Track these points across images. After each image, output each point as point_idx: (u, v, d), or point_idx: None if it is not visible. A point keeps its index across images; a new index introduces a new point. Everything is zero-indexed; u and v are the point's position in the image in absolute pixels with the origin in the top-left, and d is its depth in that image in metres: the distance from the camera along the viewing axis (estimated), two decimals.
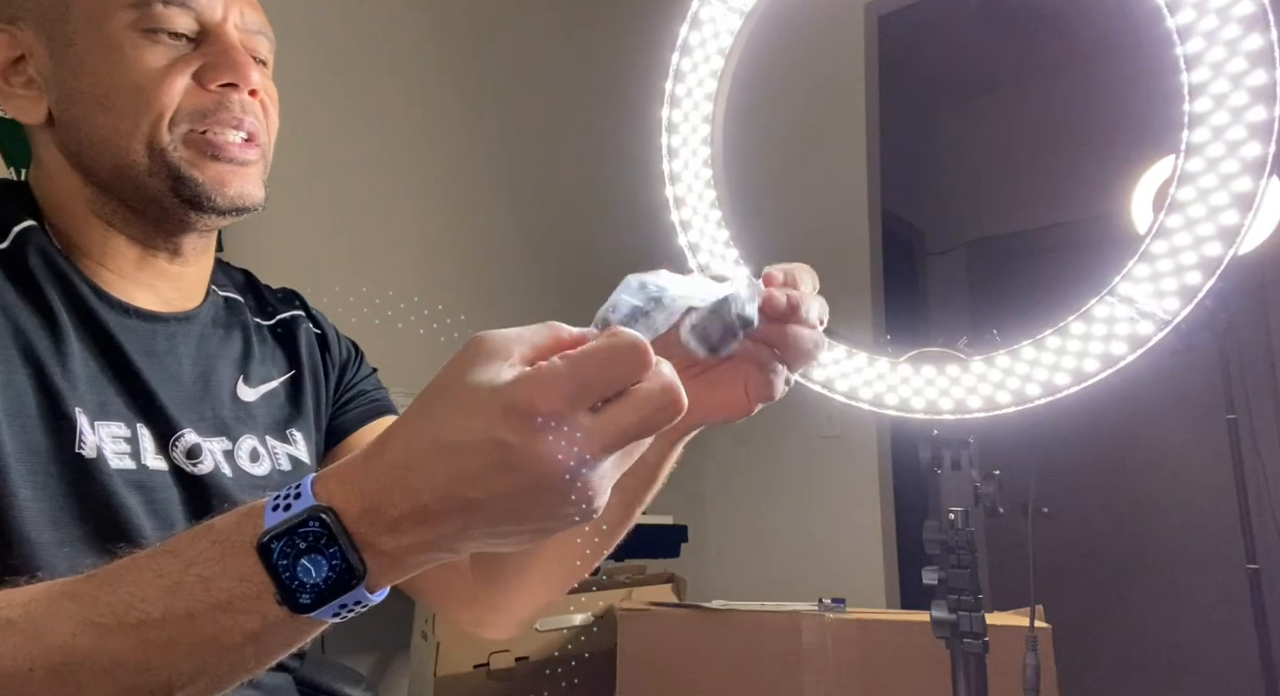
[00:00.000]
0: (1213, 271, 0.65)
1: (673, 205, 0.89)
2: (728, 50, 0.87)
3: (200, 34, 0.64)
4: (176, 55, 0.63)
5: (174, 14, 0.63)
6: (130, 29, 0.62)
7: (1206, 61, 0.66)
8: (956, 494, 0.71)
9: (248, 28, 0.67)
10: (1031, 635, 0.80)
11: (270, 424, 0.74)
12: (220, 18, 0.65)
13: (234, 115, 0.64)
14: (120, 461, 0.60)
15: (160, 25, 0.62)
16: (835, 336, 0.78)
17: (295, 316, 0.81)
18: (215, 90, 0.64)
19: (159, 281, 0.69)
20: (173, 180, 0.63)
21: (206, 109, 0.63)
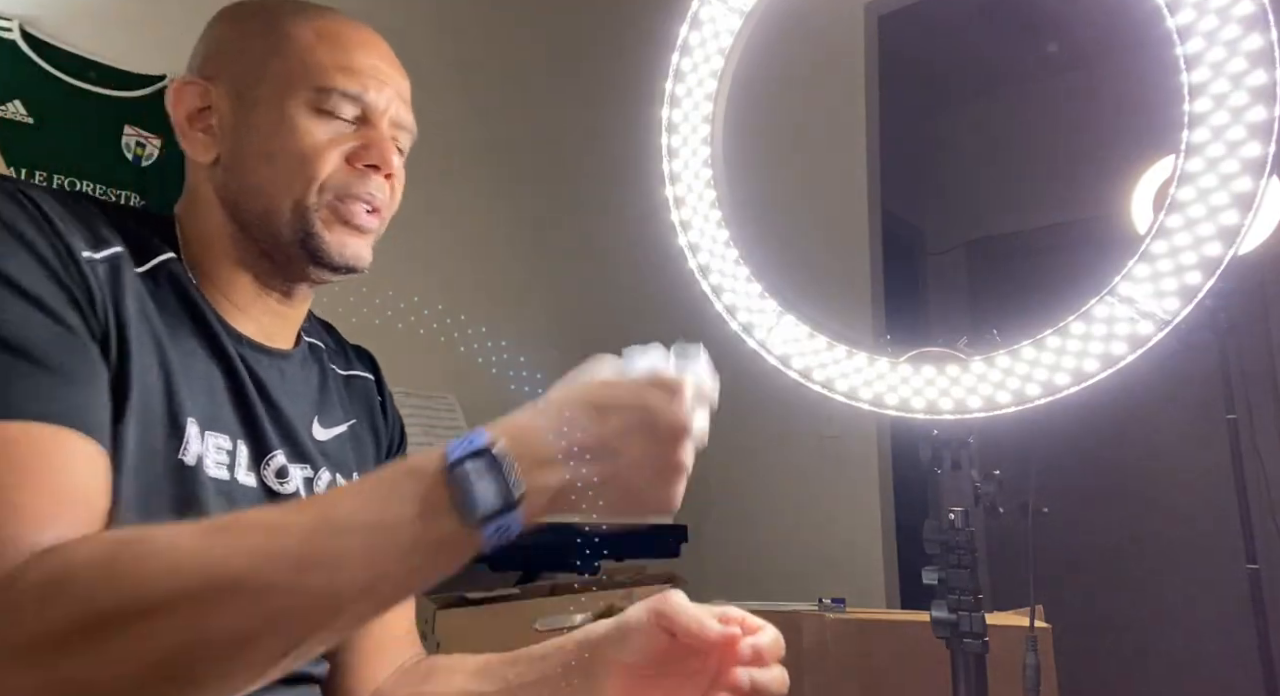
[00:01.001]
0: (1213, 271, 0.65)
1: (673, 205, 0.90)
2: (728, 50, 0.87)
3: (359, 120, 0.76)
4: (338, 134, 0.74)
5: (347, 104, 0.75)
6: (307, 106, 0.73)
7: (1206, 61, 0.66)
8: (956, 494, 0.71)
9: (398, 124, 0.79)
10: (1031, 635, 0.80)
11: (340, 463, 0.82)
12: (380, 112, 0.76)
13: (369, 191, 0.75)
14: (217, 471, 0.68)
15: (331, 110, 0.74)
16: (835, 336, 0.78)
17: (365, 378, 0.92)
18: (361, 169, 0.75)
19: (265, 318, 0.78)
20: (305, 234, 0.73)
21: (350, 182, 0.74)
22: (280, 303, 0.78)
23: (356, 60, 0.76)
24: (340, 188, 0.74)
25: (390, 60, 0.79)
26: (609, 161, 2.65)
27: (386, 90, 0.77)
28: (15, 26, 1.62)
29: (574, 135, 2.68)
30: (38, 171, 1.61)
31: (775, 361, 0.80)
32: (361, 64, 0.76)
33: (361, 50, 0.77)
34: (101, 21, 1.75)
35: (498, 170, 2.45)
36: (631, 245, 2.41)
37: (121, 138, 1.73)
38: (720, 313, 0.86)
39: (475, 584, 1.68)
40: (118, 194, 1.71)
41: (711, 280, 0.87)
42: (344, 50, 0.76)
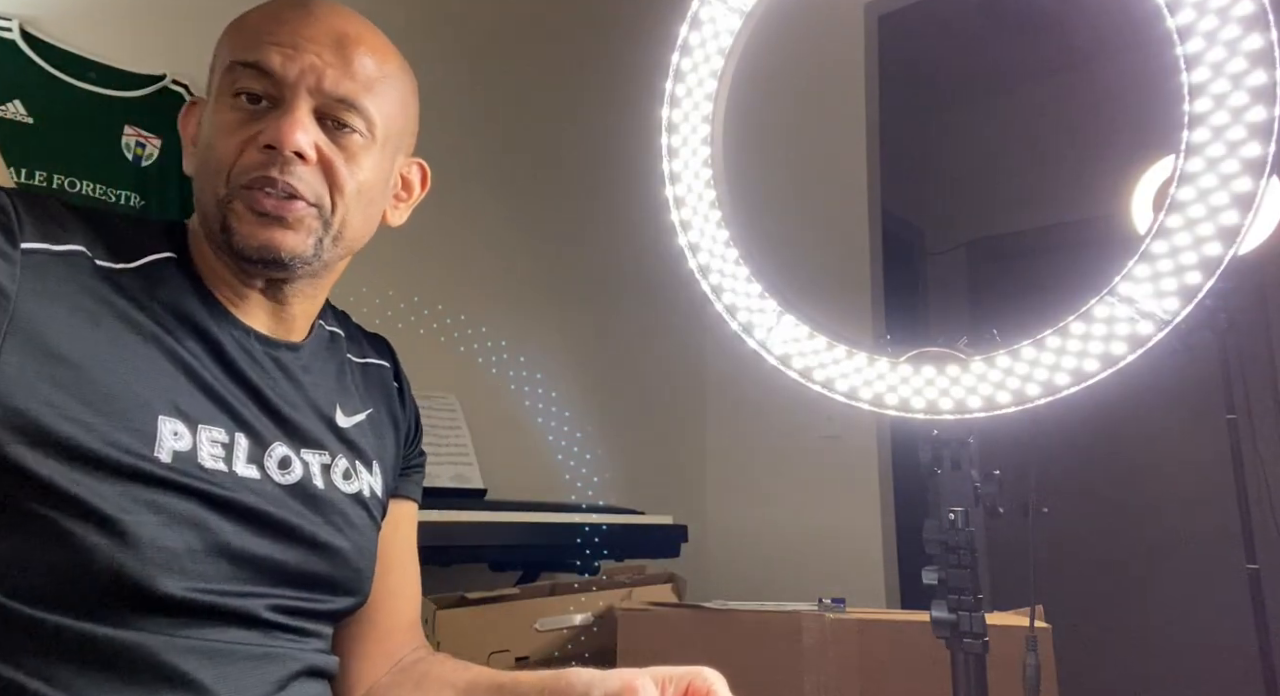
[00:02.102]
0: (1213, 271, 0.65)
1: (673, 205, 0.89)
2: (728, 50, 0.87)
3: (275, 99, 0.69)
4: (244, 118, 0.69)
5: (251, 77, 0.69)
6: (224, 93, 0.70)
7: (1206, 61, 0.66)
8: (956, 494, 0.71)
9: (330, 95, 0.70)
10: (1031, 635, 0.80)
11: (360, 451, 0.80)
12: (291, 82, 0.69)
13: (268, 174, 0.68)
14: (214, 463, 0.66)
15: (240, 88, 0.69)
16: (835, 336, 0.78)
17: (381, 366, 0.90)
18: (262, 151, 0.68)
19: (262, 313, 0.76)
20: (223, 231, 0.69)
21: (252, 166, 0.68)
22: (271, 297, 0.76)
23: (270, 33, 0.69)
24: (243, 172, 0.69)
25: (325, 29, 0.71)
26: (609, 162, 2.65)
27: (302, 58, 0.69)
28: (15, 26, 1.62)
29: (574, 135, 2.68)
30: (38, 171, 1.61)
31: (775, 361, 0.80)
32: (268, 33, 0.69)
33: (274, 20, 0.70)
34: (101, 21, 1.75)
35: (498, 170, 2.45)
36: (631, 245, 2.41)
37: (121, 138, 1.73)
38: (720, 313, 0.86)
39: (475, 584, 1.68)
40: (117, 194, 1.70)
41: (711, 280, 0.87)
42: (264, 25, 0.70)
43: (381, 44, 0.75)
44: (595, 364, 2.59)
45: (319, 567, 0.72)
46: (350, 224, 0.74)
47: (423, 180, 0.85)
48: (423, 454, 0.94)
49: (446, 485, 1.89)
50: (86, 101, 1.69)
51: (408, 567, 0.88)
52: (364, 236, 0.78)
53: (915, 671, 1.34)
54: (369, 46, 0.73)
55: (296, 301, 0.77)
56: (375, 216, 0.79)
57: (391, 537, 0.84)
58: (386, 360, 0.91)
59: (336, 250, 0.74)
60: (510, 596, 1.63)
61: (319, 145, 0.70)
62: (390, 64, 0.75)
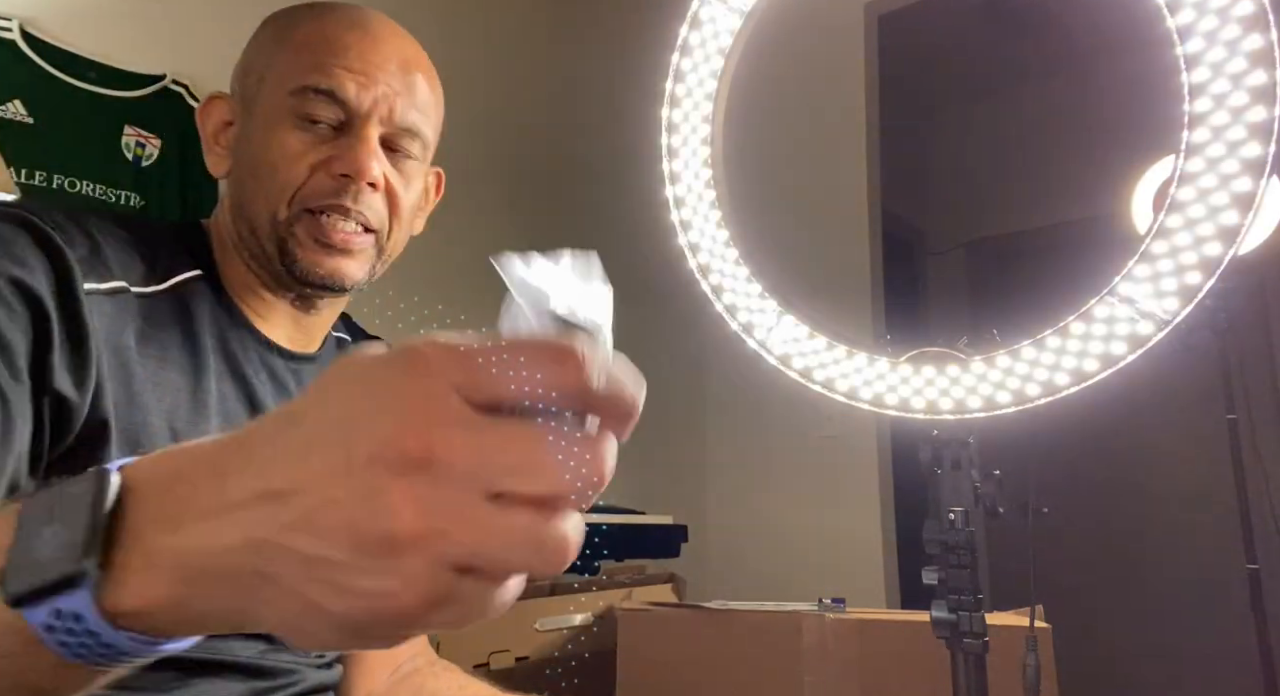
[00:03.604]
0: (1213, 271, 0.64)
1: (673, 205, 0.89)
2: (728, 50, 0.87)
3: (343, 125, 0.70)
4: (315, 141, 0.70)
5: (322, 104, 0.69)
6: (288, 114, 0.69)
7: (1206, 61, 0.66)
8: (956, 494, 0.71)
9: (398, 124, 0.72)
10: (1031, 635, 0.80)
11: None
12: (364, 112, 0.70)
13: (344, 203, 0.69)
14: None
15: (309, 112, 0.69)
16: (835, 336, 0.78)
17: None
18: (336, 178, 0.69)
19: (287, 324, 0.76)
20: (280, 251, 0.70)
21: (324, 192, 0.69)
22: (300, 310, 0.76)
23: (338, 56, 0.69)
24: (312, 197, 0.69)
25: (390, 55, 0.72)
26: (609, 162, 2.65)
27: (375, 87, 0.70)
28: (15, 26, 1.62)
29: (575, 135, 2.68)
30: (38, 172, 1.61)
31: (775, 361, 0.80)
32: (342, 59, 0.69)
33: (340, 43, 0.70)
34: (101, 21, 1.75)
35: (499, 170, 2.45)
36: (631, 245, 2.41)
37: (121, 138, 1.73)
38: (720, 313, 0.86)
39: None
40: (117, 194, 1.70)
41: (711, 280, 0.87)
42: (327, 46, 0.70)
43: (428, 64, 0.78)
44: None
45: None
46: (398, 244, 0.77)
47: (438, 187, 0.86)
48: None
49: None
50: (86, 101, 1.69)
51: None
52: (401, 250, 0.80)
53: (915, 671, 1.34)
54: (423, 70, 0.75)
55: (324, 313, 0.79)
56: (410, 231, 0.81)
57: None
58: None
59: (383, 269, 0.77)
60: None
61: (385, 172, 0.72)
62: (436, 84, 0.78)
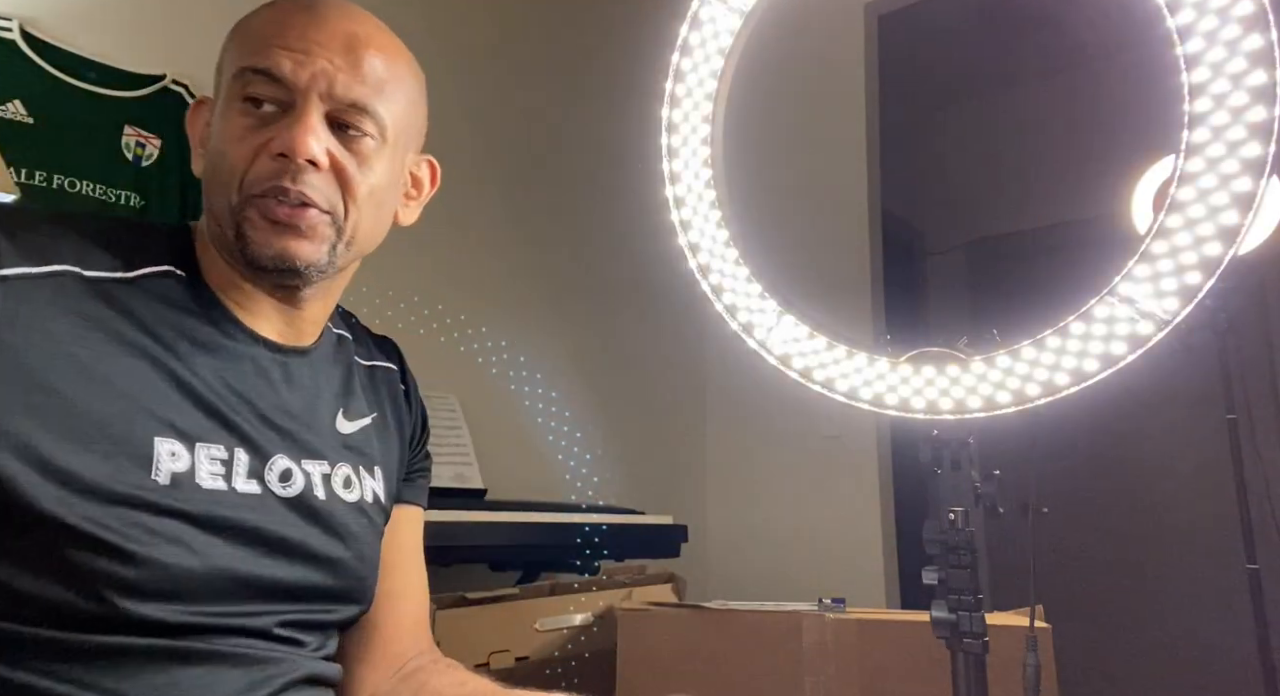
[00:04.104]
0: (1213, 271, 0.65)
1: (673, 205, 0.89)
2: (728, 50, 0.87)
3: (286, 105, 0.68)
4: (254, 124, 0.68)
5: (261, 83, 0.68)
6: (234, 99, 0.69)
7: (1206, 61, 0.66)
8: (956, 494, 0.71)
9: (341, 100, 0.69)
10: (1031, 635, 0.80)
11: (362, 457, 0.79)
12: (302, 88, 0.68)
13: (281, 184, 0.68)
14: (212, 482, 0.65)
15: (250, 94, 0.68)
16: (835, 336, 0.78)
17: (388, 368, 0.89)
18: (275, 159, 0.68)
19: (275, 317, 0.75)
20: (237, 238, 0.69)
21: (264, 176, 0.68)
22: (284, 303, 0.75)
23: (279, 36, 0.68)
24: (257, 181, 0.68)
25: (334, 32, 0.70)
26: (610, 162, 2.65)
27: (313, 63, 0.68)
28: (15, 26, 1.61)
29: (575, 135, 2.68)
30: (38, 172, 1.61)
31: (775, 361, 0.80)
32: (282, 39, 0.68)
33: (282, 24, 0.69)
34: (101, 21, 1.75)
35: (498, 170, 2.45)
36: (632, 245, 2.41)
37: (121, 138, 1.73)
38: (720, 313, 0.86)
39: (475, 584, 1.68)
40: (117, 194, 1.70)
41: (711, 280, 0.87)
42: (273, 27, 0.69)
43: (390, 42, 0.74)
44: (595, 364, 2.59)
45: (321, 581, 0.72)
46: (362, 228, 0.73)
47: (432, 177, 0.84)
48: (429, 457, 0.93)
49: (447, 485, 1.89)
50: (86, 101, 1.69)
51: (410, 571, 0.87)
52: (377, 239, 0.77)
53: (915, 671, 1.34)
54: (378, 47, 0.72)
55: (309, 306, 0.77)
56: (387, 218, 0.78)
57: (392, 541, 0.84)
58: (394, 362, 0.91)
59: (349, 254, 0.74)
60: (510, 596, 1.63)
61: (331, 151, 0.69)
62: (399, 63, 0.74)
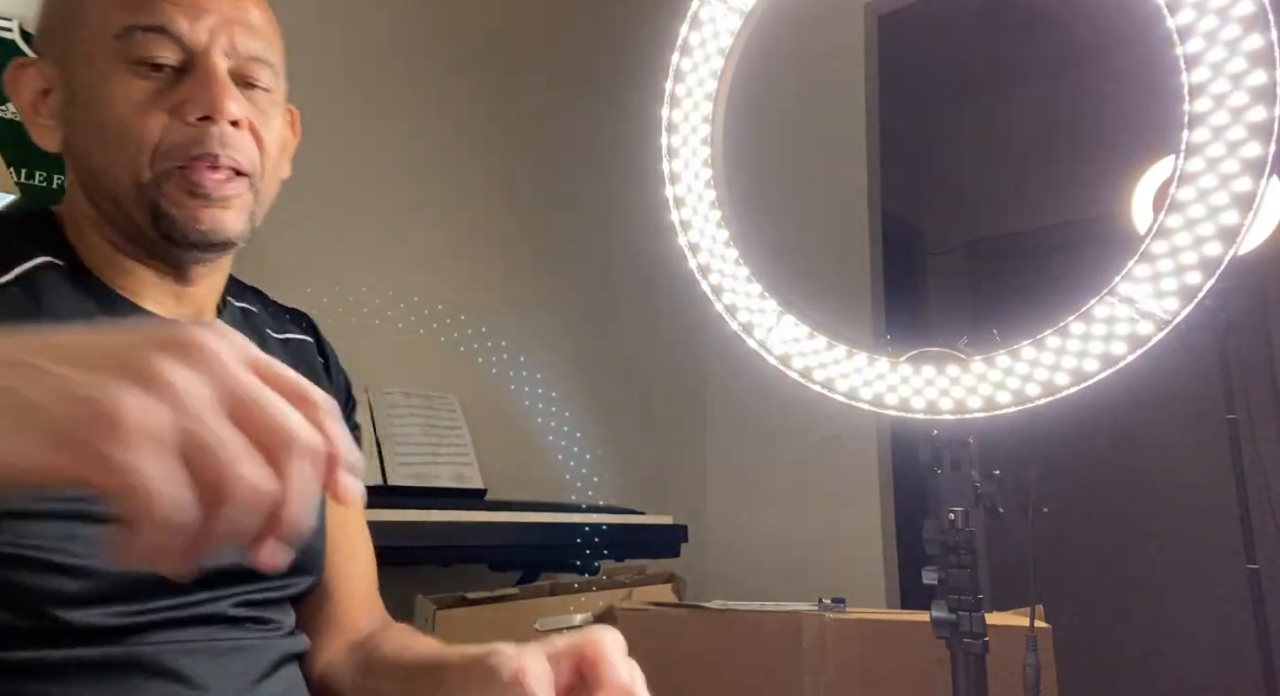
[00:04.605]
0: (1213, 271, 0.65)
1: (673, 205, 0.89)
2: (728, 50, 0.87)
3: (186, 64, 0.63)
4: (158, 88, 0.63)
5: (154, 42, 0.62)
6: (118, 61, 0.62)
7: (1206, 61, 0.66)
8: (956, 494, 0.71)
9: (242, 53, 0.66)
10: (1032, 635, 0.80)
11: None
12: (204, 45, 0.63)
13: (210, 150, 0.63)
14: None
15: (143, 55, 0.62)
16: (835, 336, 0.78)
17: (303, 341, 0.84)
18: (194, 124, 0.63)
19: (166, 298, 0.70)
20: (154, 216, 0.63)
21: (186, 143, 0.63)
22: (177, 282, 0.69)
23: None
24: (174, 151, 0.62)
25: None
26: (611, 162, 2.65)
27: (207, 17, 0.63)
28: (15, 26, 1.61)
29: (575, 136, 2.68)
30: (38, 172, 1.61)
31: (775, 361, 0.80)
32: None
33: None
34: None
35: (498, 170, 2.45)
36: (632, 245, 2.41)
37: None
38: (720, 313, 0.86)
39: (475, 584, 1.68)
40: None
41: (711, 280, 0.87)
42: None
43: None
44: (595, 364, 2.59)
45: None
46: (270, 189, 0.70)
47: (294, 126, 0.78)
48: (358, 427, 0.89)
49: (446, 485, 1.89)
50: None
51: (357, 541, 0.84)
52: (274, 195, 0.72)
53: (915, 671, 1.34)
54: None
55: (202, 281, 0.71)
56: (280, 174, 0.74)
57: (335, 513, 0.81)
58: (308, 334, 0.85)
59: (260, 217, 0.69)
60: (510, 596, 1.63)
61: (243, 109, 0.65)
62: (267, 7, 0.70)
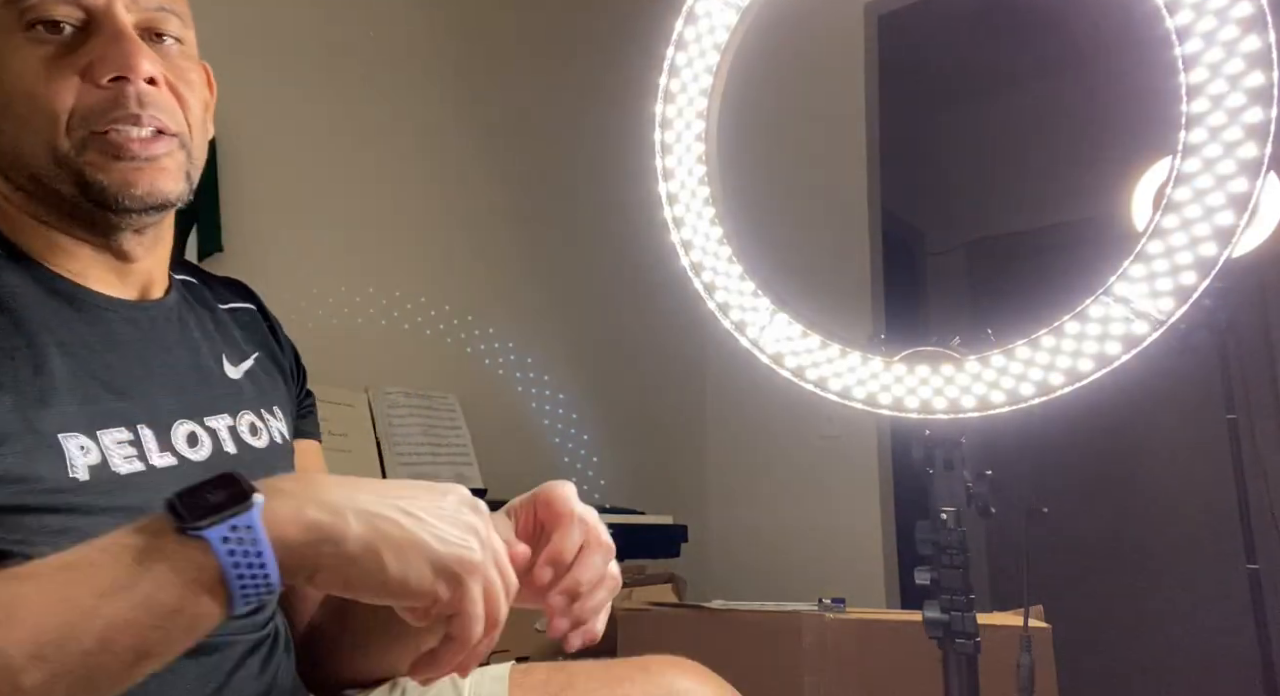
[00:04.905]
0: (1208, 272, 0.64)
1: (666, 202, 0.88)
2: (724, 46, 0.86)
3: (87, 23, 0.60)
4: (59, 51, 0.59)
5: (52, 4, 0.59)
6: (14, 29, 0.59)
7: (1204, 62, 0.66)
8: (949, 494, 0.71)
9: (145, 4, 0.62)
10: (1026, 635, 0.80)
11: (257, 399, 0.74)
12: (104, 1, 0.60)
13: (130, 111, 0.60)
14: (129, 466, 0.59)
15: (39, 17, 0.59)
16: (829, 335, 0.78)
17: (247, 309, 0.81)
18: (107, 85, 0.60)
19: (110, 275, 0.66)
20: (80, 185, 0.60)
21: (102, 107, 0.60)
22: (119, 258, 0.66)
23: None
24: (91, 116, 0.59)
25: None
26: (612, 160, 2.65)
27: None
28: None
29: (576, 133, 2.68)
30: None
31: (768, 360, 0.80)
32: None
33: None
34: None
35: (501, 170, 2.44)
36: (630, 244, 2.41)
37: None
38: (713, 310, 0.85)
39: None
40: None
41: (704, 278, 0.86)
42: None
43: None
44: (595, 363, 2.59)
45: None
46: (201, 148, 0.67)
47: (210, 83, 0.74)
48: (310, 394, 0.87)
49: None
50: None
51: None
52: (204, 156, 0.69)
53: (915, 671, 1.34)
54: None
55: (142, 254, 0.68)
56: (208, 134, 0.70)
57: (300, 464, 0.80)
58: (250, 301, 0.82)
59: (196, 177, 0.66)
60: None
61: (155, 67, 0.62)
62: None
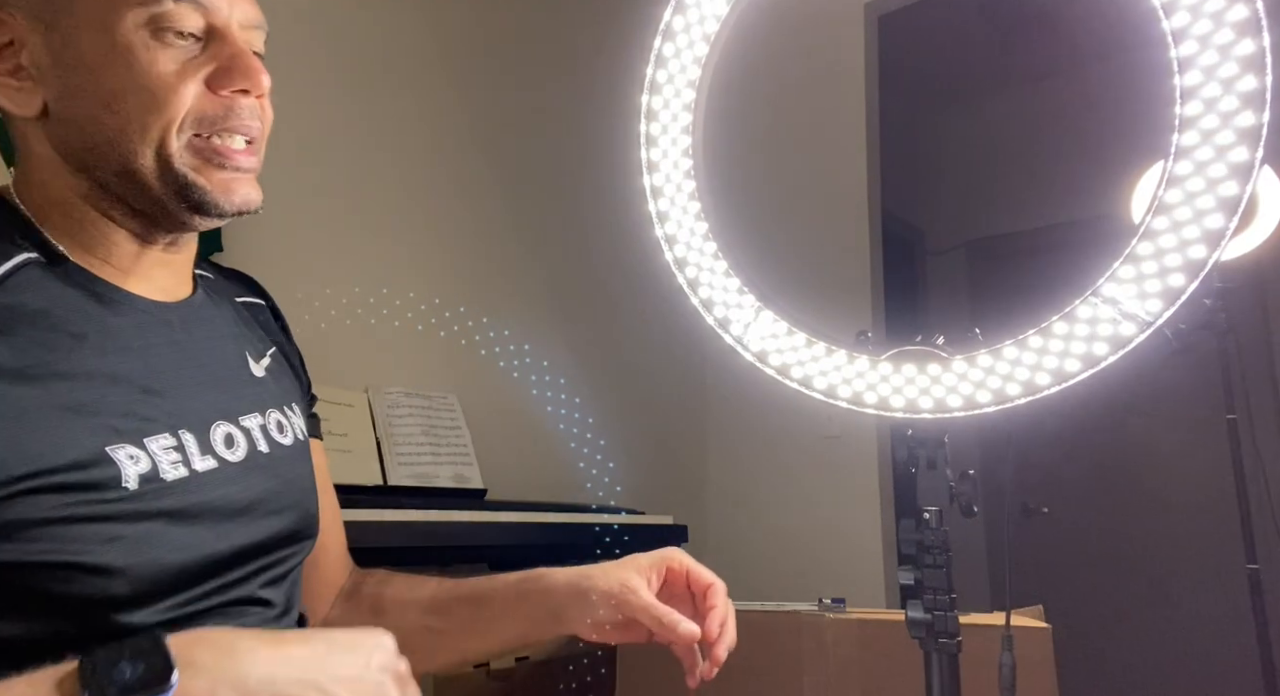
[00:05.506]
0: (1196, 274, 0.65)
1: (650, 195, 0.87)
2: (713, 37, 0.85)
3: (207, 34, 0.64)
4: (187, 58, 0.63)
5: (184, 13, 0.62)
6: (140, 28, 0.61)
7: (1198, 65, 0.66)
8: (932, 493, 0.70)
9: (248, 23, 0.67)
10: (1007, 634, 0.81)
11: (280, 396, 0.76)
12: (225, 16, 0.64)
13: (244, 122, 0.64)
14: (175, 472, 0.61)
15: (170, 25, 0.62)
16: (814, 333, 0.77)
17: (259, 304, 0.84)
18: (226, 96, 0.64)
19: (154, 270, 0.69)
20: (179, 187, 0.63)
21: (216, 115, 0.63)
22: (167, 251, 0.69)
23: None
24: (202, 121, 0.63)
25: None
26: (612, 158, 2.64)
27: None
28: None
29: (575, 129, 2.67)
30: None
31: (751, 358, 0.79)
32: None
33: None
34: None
35: (494, 166, 2.44)
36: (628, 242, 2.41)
37: None
38: (696, 307, 0.84)
39: None
40: None
41: (688, 273, 0.85)
42: None
43: None
44: (595, 363, 2.59)
45: (283, 527, 0.70)
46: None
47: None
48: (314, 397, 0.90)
49: (446, 485, 1.90)
50: None
51: (328, 502, 0.85)
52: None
53: (915, 671, 1.34)
54: None
55: (189, 248, 0.72)
56: None
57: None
58: (260, 298, 0.85)
59: None
60: None
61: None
62: None
